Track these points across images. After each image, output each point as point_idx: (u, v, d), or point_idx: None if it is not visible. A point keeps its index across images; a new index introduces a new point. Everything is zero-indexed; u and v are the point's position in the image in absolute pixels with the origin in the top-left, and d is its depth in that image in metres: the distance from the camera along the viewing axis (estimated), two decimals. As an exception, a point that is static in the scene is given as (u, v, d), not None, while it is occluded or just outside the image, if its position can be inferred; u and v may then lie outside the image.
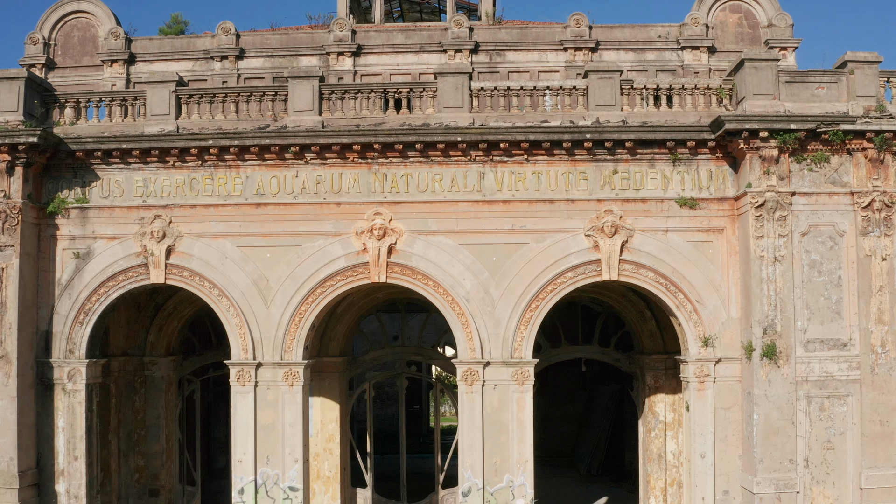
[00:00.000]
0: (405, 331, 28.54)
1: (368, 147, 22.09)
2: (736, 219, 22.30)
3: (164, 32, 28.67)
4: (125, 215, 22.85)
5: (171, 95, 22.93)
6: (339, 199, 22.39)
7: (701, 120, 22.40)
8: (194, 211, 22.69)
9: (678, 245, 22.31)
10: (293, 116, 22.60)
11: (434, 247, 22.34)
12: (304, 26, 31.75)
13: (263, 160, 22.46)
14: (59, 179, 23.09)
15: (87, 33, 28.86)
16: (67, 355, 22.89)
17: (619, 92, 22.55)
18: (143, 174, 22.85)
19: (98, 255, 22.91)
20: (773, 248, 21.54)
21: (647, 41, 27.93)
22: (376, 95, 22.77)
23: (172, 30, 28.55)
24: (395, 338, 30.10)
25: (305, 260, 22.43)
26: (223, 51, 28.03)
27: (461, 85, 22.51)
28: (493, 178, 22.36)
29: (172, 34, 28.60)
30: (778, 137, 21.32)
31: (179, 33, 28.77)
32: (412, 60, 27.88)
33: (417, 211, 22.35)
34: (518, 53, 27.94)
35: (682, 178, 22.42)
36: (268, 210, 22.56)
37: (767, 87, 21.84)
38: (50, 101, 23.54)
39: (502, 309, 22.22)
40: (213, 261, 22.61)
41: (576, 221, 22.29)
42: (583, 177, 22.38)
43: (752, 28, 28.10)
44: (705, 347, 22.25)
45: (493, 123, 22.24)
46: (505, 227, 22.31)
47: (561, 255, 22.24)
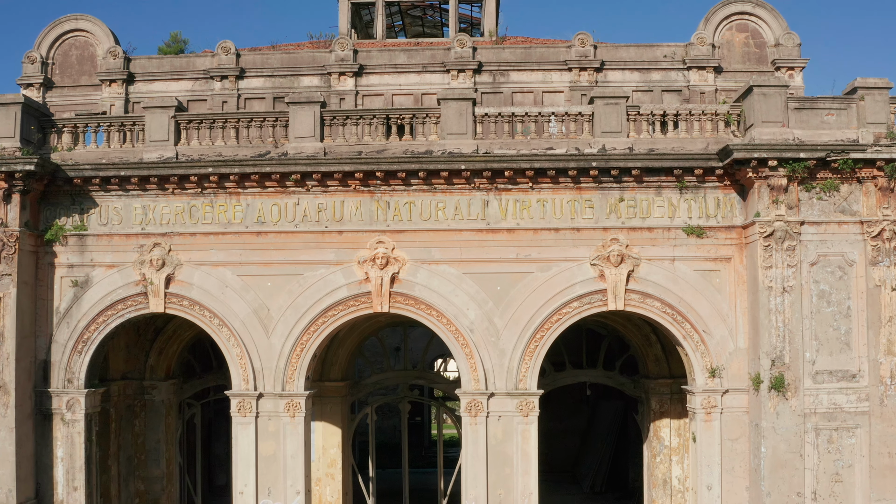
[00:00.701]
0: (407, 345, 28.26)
1: (371, 175, 21.76)
2: (744, 247, 21.98)
3: (164, 51, 28.29)
4: (124, 243, 22.53)
5: (170, 121, 22.59)
6: (341, 228, 22.08)
7: (708, 147, 22.08)
8: (194, 239, 22.37)
9: (685, 274, 22.00)
10: (294, 143, 22.26)
11: (437, 276, 22.03)
12: (305, 42, 31.38)
13: (264, 188, 22.13)
14: (56, 206, 22.77)
15: (86, 52, 28.47)
16: (66, 385, 22.60)
17: (626, 118, 22.21)
18: (141, 201, 22.53)
19: (97, 283, 22.61)
20: (782, 278, 21.22)
21: (653, 61, 27.54)
22: (378, 121, 22.43)
23: (172, 49, 28.18)
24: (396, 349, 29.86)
25: (307, 289, 22.12)
26: (223, 70, 27.65)
27: (465, 111, 22.17)
28: (497, 207, 22.03)
29: (172, 53, 28.23)
30: (787, 166, 20.99)
31: (179, 52, 28.39)
32: (415, 80, 27.51)
33: (420, 240, 22.03)
34: (522, 73, 27.56)
35: (689, 205, 22.09)
36: (269, 238, 22.24)
37: (776, 114, 21.51)
38: (47, 125, 23.21)
39: (507, 339, 21.92)
40: (214, 290, 22.29)
41: (581, 250, 21.97)
42: (588, 205, 22.06)
43: (759, 47, 27.72)
44: (712, 378, 21.94)
45: (497, 151, 21.90)
46: (509, 256, 21.99)
47: (566, 285, 21.94)
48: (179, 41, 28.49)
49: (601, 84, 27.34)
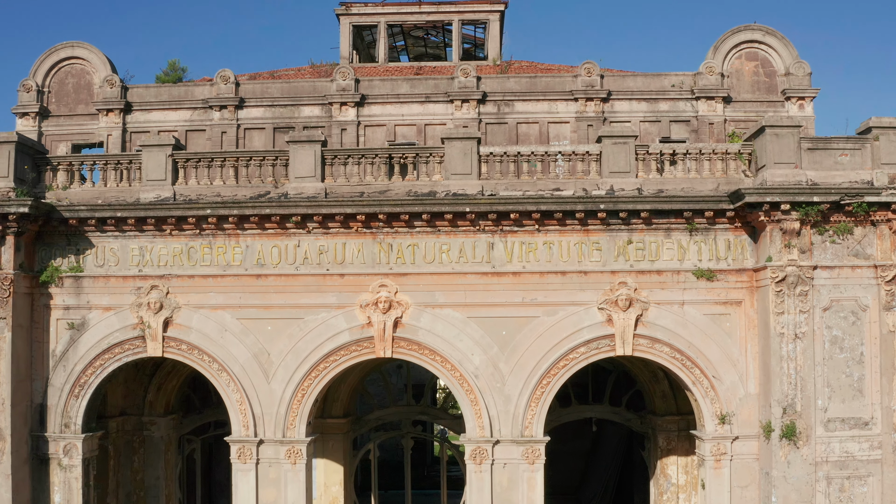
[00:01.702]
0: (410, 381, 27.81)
1: (373, 217, 21.26)
2: (755, 291, 21.48)
3: (162, 80, 27.75)
4: (121, 285, 22.05)
5: (168, 160, 22.07)
6: (343, 271, 21.58)
7: (719, 187, 21.56)
8: (192, 281, 21.88)
9: (695, 318, 21.50)
10: (294, 183, 21.75)
11: (441, 320, 21.54)
12: (306, 67, 30.85)
13: (264, 229, 21.62)
14: (52, 246, 22.27)
15: (82, 80, 27.94)
16: (63, 430, 22.14)
17: (634, 157, 21.69)
18: (138, 242, 22.02)
19: (93, 326, 22.12)
20: (794, 324, 20.72)
21: (661, 91, 27.00)
22: (381, 160, 21.92)
23: (170, 77, 27.64)
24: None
25: (308, 333, 21.63)
26: (222, 100, 27.10)
27: (469, 150, 21.65)
28: (502, 249, 21.53)
29: (170, 81, 27.69)
30: (800, 210, 20.47)
31: (177, 81, 27.85)
32: (417, 111, 26.99)
33: (424, 283, 21.54)
34: (527, 104, 27.01)
35: (699, 248, 21.58)
36: (269, 281, 21.74)
37: (789, 154, 20.98)
38: (42, 163, 22.70)
39: (512, 385, 21.44)
40: (213, 333, 21.81)
41: (588, 294, 21.48)
42: (596, 247, 21.55)
43: (769, 76, 27.18)
44: (722, 425, 21.46)
45: (503, 192, 21.39)
46: (515, 300, 21.50)
47: (573, 329, 21.44)
48: (178, 69, 27.98)
49: (608, 114, 26.83)
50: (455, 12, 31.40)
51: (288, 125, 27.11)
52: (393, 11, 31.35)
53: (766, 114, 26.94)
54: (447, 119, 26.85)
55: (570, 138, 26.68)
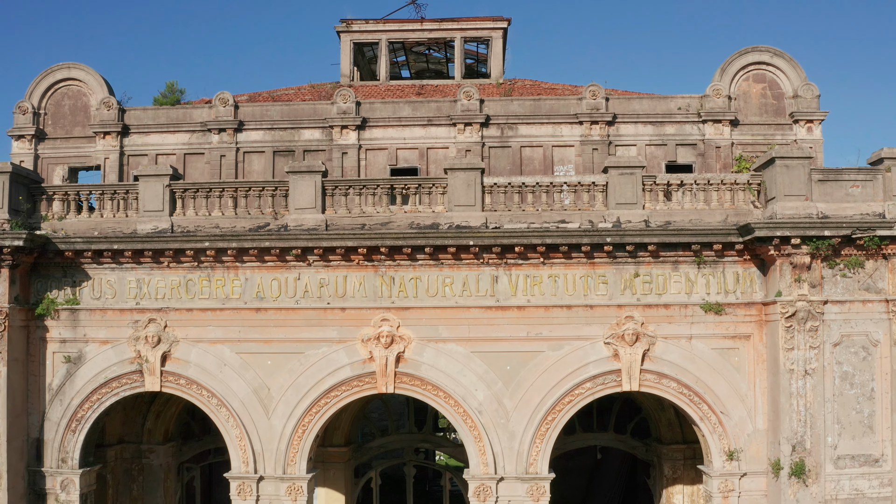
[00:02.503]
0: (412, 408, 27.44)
1: (374, 250, 20.84)
2: (764, 324, 21.07)
3: (160, 102, 27.29)
4: (118, 318, 21.64)
5: (165, 190, 21.65)
6: (344, 304, 21.17)
7: (728, 219, 21.16)
8: (191, 315, 21.47)
9: (702, 353, 21.10)
10: (294, 214, 21.33)
11: (444, 355, 21.14)
12: (306, 86, 30.38)
13: (263, 262, 21.21)
14: (47, 278, 21.86)
15: (79, 102, 27.49)
16: (60, 465, 21.76)
17: (641, 188, 21.27)
18: (136, 274, 21.61)
19: (90, 359, 21.74)
20: (804, 360, 20.33)
21: (667, 113, 26.54)
22: (382, 191, 21.49)
23: (168, 99, 27.19)
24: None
25: (308, 368, 21.24)
26: (221, 123, 26.64)
27: (473, 181, 21.22)
28: (507, 282, 21.11)
29: (168, 104, 27.23)
30: (811, 244, 20.06)
31: (175, 103, 27.38)
32: (420, 134, 26.53)
33: (427, 317, 21.13)
34: (531, 127, 26.56)
35: (707, 280, 21.17)
36: (268, 315, 21.33)
37: (799, 186, 20.57)
38: (37, 193, 22.29)
39: (517, 421, 21.04)
40: (212, 368, 21.42)
41: (594, 328, 21.07)
42: (602, 280, 21.14)
43: (777, 99, 26.72)
44: (730, 461, 21.07)
45: (507, 225, 20.97)
46: (520, 335, 21.09)
47: (579, 365, 21.04)
48: (176, 91, 27.50)
49: (613, 137, 26.38)
50: (457, 29, 30.95)
51: (288, 149, 26.68)
52: (394, 29, 30.89)
53: (773, 137, 26.56)
54: (450, 142, 26.41)
55: (574, 162, 26.25)
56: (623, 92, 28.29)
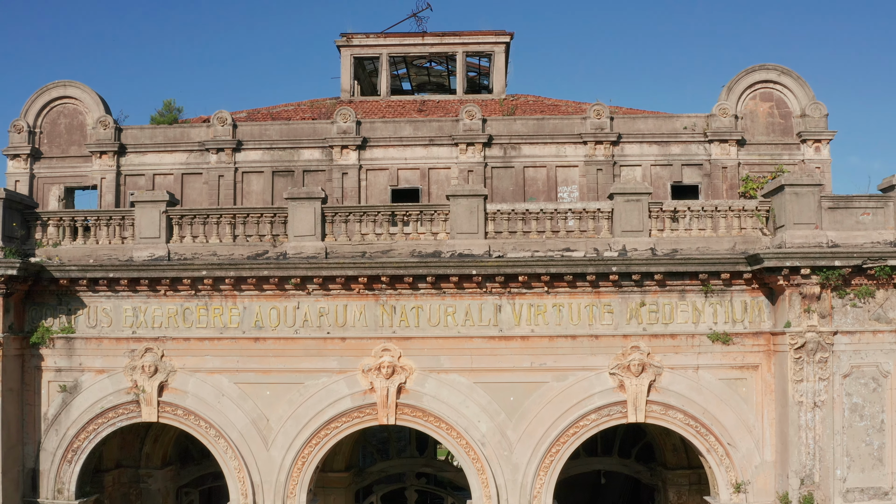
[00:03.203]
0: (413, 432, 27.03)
1: (375, 279, 20.43)
2: (772, 354, 20.67)
3: (157, 121, 26.85)
4: (114, 347, 21.25)
5: (162, 216, 21.24)
6: (344, 334, 20.77)
7: (735, 246, 20.74)
8: (188, 344, 21.08)
9: (709, 383, 20.70)
10: (293, 242, 20.92)
11: (447, 386, 20.74)
12: (306, 102, 29.93)
13: (262, 290, 20.80)
14: (42, 306, 21.47)
15: (75, 120, 27.06)
16: (56, 495, 21.39)
17: (647, 215, 20.85)
18: (132, 302, 21.21)
19: (86, 389, 21.35)
20: (813, 392, 19.93)
21: (672, 133, 26.10)
22: (384, 217, 21.08)
23: (165, 118, 26.75)
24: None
25: (308, 399, 20.84)
26: (219, 143, 26.22)
27: (476, 208, 20.81)
28: (510, 312, 20.71)
29: (165, 122, 26.80)
30: (821, 274, 19.65)
31: (173, 121, 26.94)
32: (421, 154, 26.09)
33: (429, 347, 20.73)
34: (534, 146, 26.14)
35: (714, 310, 20.75)
36: (267, 344, 20.93)
37: (809, 215, 20.15)
38: (31, 218, 21.88)
39: (520, 453, 20.65)
40: (210, 398, 21.03)
41: (600, 358, 20.67)
42: (608, 310, 20.72)
43: (784, 118, 26.28)
44: (737, 493, 20.67)
45: (510, 253, 20.57)
46: (523, 365, 20.69)
47: (584, 396, 20.64)
48: (173, 109, 27.07)
49: (618, 157, 25.97)
50: (459, 44, 30.50)
51: (287, 169, 26.26)
52: (395, 43, 30.44)
53: (781, 157, 26.17)
54: (452, 162, 25.99)
55: (578, 183, 25.83)
56: (627, 110, 27.85)
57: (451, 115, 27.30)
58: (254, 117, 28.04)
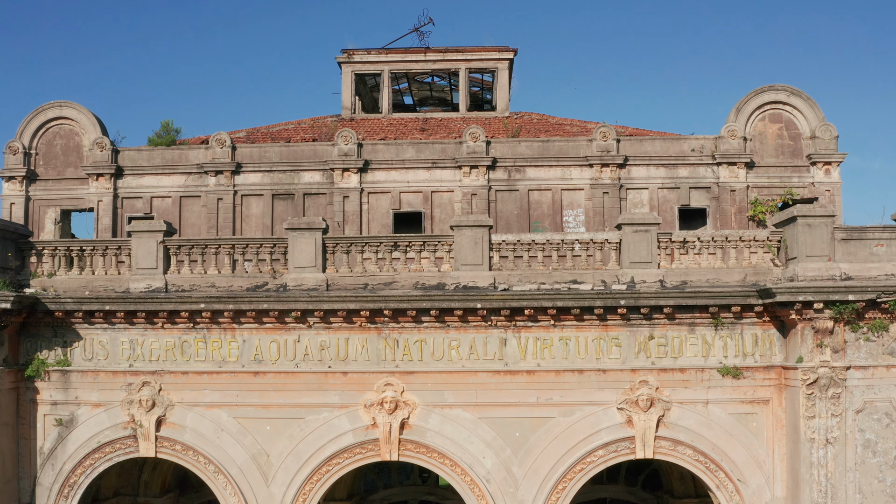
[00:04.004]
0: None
1: (378, 312, 19.96)
2: (783, 388, 20.22)
3: (155, 142, 26.32)
4: (110, 380, 20.79)
5: (159, 247, 20.77)
6: (346, 368, 20.31)
7: (746, 277, 20.29)
8: (186, 378, 20.62)
9: (719, 418, 20.26)
10: (294, 274, 20.46)
11: (451, 421, 20.29)
12: (307, 120, 29.43)
13: (262, 323, 20.34)
14: (37, 338, 21.01)
15: (71, 142, 26.55)
16: (51, 532, 20.99)
17: (656, 246, 20.39)
18: (129, 335, 20.75)
19: (82, 422, 20.91)
20: (825, 429, 19.49)
21: (680, 155, 25.60)
22: (386, 248, 20.62)
23: (163, 139, 26.22)
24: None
25: (309, 434, 20.39)
26: (218, 165, 25.71)
27: (480, 239, 20.34)
28: (516, 345, 20.25)
29: (163, 144, 26.26)
30: (834, 308, 19.19)
31: (171, 143, 26.41)
32: (424, 177, 25.59)
33: (432, 381, 20.28)
34: (539, 169, 25.63)
35: (724, 343, 20.30)
36: (267, 378, 20.47)
37: (822, 247, 19.69)
38: (26, 248, 21.41)
39: (526, 490, 20.19)
40: (208, 433, 20.58)
41: (607, 393, 20.22)
42: (615, 343, 20.26)
43: (794, 139, 25.78)
44: (748, 530, 20.30)
45: (516, 286, 20.10)
46: (529, 400, 20.23)
47: (591, 431, 20.19)
48: (171, 130, 26.54)
49: (624, 180, 25.48)
50: (462, 60, 29.99)
51: (287, 192, 25.77)
52: (397, 59, 29.94)
53: (790, 180, 25.70)
54: (455, 186, 25.50)
55: (584, 206, 25.35)
56: (634, 130, 27.36)
57: (454, 135, 26.81)
58: (253, 137, 27.54)
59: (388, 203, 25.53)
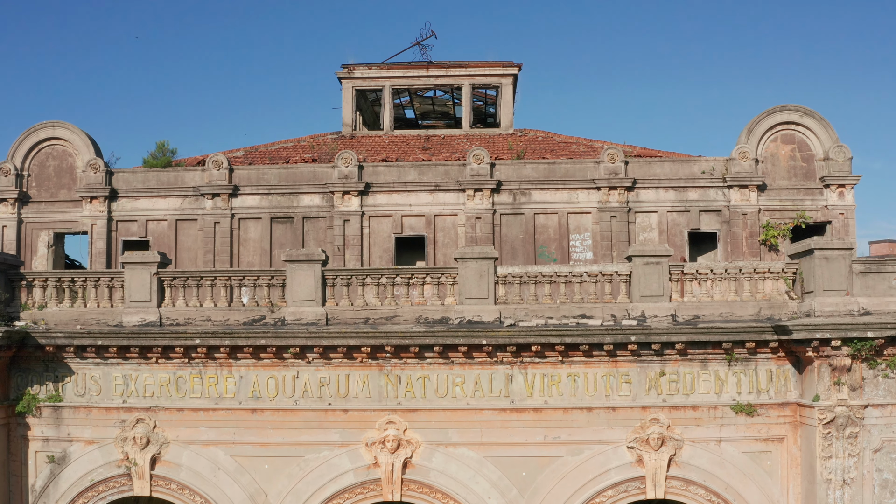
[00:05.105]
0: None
1: (379, 349, 19.30)
2: (798, 426, 19.56)
3: (150, 164, 25.60)
4: (103, 416, 20.13)
5: (153, 279, 20.10)
6: (347, 405, 19.64)
7: (761, 311, 19.62)
8: (182, 415, 19.96)
9: (732, 457, 19.59)
10: (292, 307, 19.79)
11: (455, 460, 19.63)
12: (307, 137, 28.69)
13: (259, 359, 19.67)
14: (28, 372, 20.34)
15: (64, 163, 25.85)
16: (43, 572, 20.36)
17: (668, 278, 19.71)
18: (122, 370, 20.08)
19: (75, 460, 20.24)
20: (842, 469, 18.83)
21: (690, 178, 24.87)
22: (387, 281, 19.94)
23: (158, 161, 25.49)
24: None
25: (308, 473, 19.72)
26: (214, 188, 25.00)
27: (485, 272, 19.66)
28: (522, 382, 19.58)
29: (158, 165, 25.53)
30: (852, 345, 18.52)
31: (166, 164, 25.68)
32: (426, 200, 24.88)
33: (436, 420, 19.61)
34: (545, 192, 24.91)
35: (738, 379, 19.63)
36: (265, 416, 19.81)
37: (839, 280, 19.01)
38: (16, 279, 20.74)
39: (533, 532, 19.60)
40: (205, 472, 19.91)
41: (617, 432, 19.55)
42: (625, 380, 19.60)
43: (807, 161, 25.07)
44: (762, 572, 19.66)
45: (523, 321, 19.42)
46: (536, 439, 19.57)
47: (600, 471, 19.53)
48: (167, 151, 25.80)
49: (632, 204, 24.77)
50: (465, 76, 29.25)
51: (286, 215, 25.06)
52: (399, 75, 29.19)
53: (803, 202, 25.01)
54: (458, 209, 24.78)
55: (591, 230, 24.65)
56: (642, 150, 26.65)
57: (458, 155, 26.10)
58: (251, 156, 26.81)
59: (389, 227, 24.82)
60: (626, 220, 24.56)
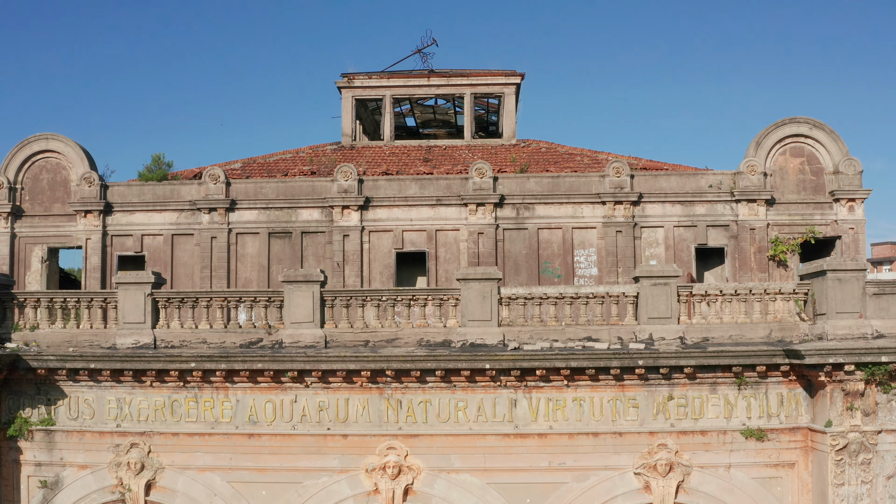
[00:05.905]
0: None
1: (379, 373, 18.79)
2: (810, 451, 19.05)
3: (145, 177, 25.07)
4: (97, 441, 19.63)
5: (147, 299, 19.61)
6: (346, 430, 19.13)
7: (771, 333, 19.12)
8: (177, 440, 19.45)
9: (742, 483, 19.08)
10: (290, 329, 19.28)
11: (458, 487, 19.11)
12: (305, 148, 28.15)
13: (256, 383, 19.15)
14: (20, 394, 19.84)
15: (58, 176, 25.31)
16: None
17: (676, 299, 19.20)
18: (116, 393, 19.57)
19: (68, 485, 19.73)
20: (855, 496, 18.32)
21: (697, 192, 24.34)
22: (388, 302, 19.43)
23: (154, 174, 24.97)
24: None
25: (307, 500, 19.19)
26: (211, 202, 24.45)
27: (489, 294, 19.14)
28: (526, 406, 19.06)
29: (154, 178, 25.01)
30: (865, 370, 18.02)
31: (162, 178, 25.15)
32: (428, 215, 24.33)
33: (438, 445, 19.10)
34: (549, 207, 24.37)
35: (748, 403, 19.11)
36: (262, 441, 19.30)
37: (853, 303, 18.51)
38: (7, 298, 20.24)
39: (537, 560, 19.10)
40: (201, 498, 19.39)
41: (623, 457, 19.04)
42: (632, 404, 19.08)
43: (816, 174, 24.53)
44: None
45: (527, 344, 18.91)
46: (540, 465, 19.05)
47: (606, 497, 19.01)
48: (162, 164, 25.27)
49: (638, 218, 24.22)
50: (467, 85, 28.70)
51: (284, 230, 24.53)
52: (399, 84, 28.64)
53: (812, 217, 24.46)
54: (461, 224, 24.25)
55: (596, 246, 24.11)
56: (647, 162, 26.12)
57: (460, 167, 25.57)
58: (249, 168, 26.27)
59: (390, 242, 24.28)
60: (631, 235, 24.03)
